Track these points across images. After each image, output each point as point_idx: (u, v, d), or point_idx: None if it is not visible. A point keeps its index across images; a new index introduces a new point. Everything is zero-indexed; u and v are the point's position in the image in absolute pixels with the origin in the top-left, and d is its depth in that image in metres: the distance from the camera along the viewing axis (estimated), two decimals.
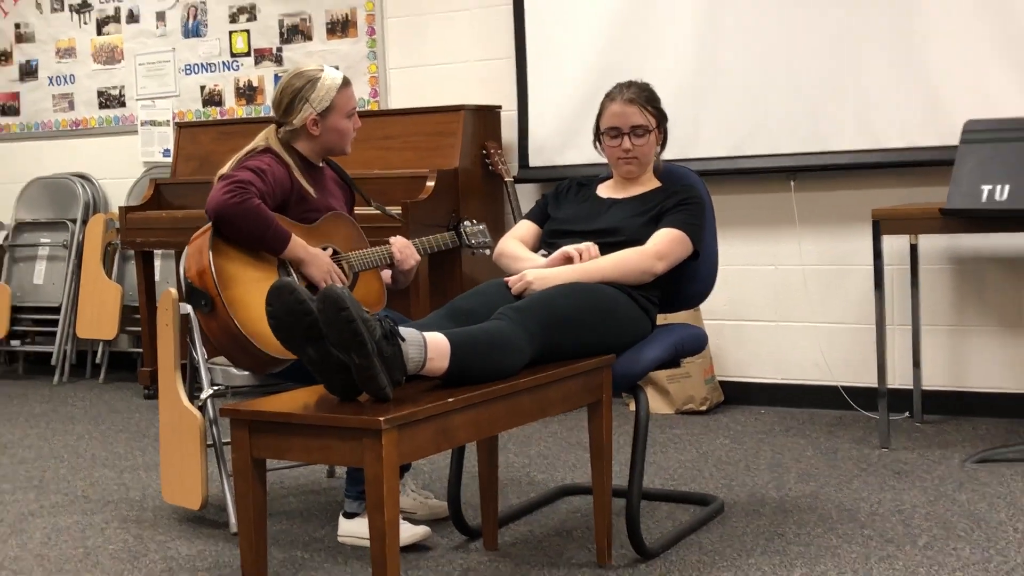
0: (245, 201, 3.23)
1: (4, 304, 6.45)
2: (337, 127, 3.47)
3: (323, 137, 3.47)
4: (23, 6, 6.69)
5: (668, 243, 3.23)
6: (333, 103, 3.44)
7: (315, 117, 3.43)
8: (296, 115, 3.44)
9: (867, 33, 4.65)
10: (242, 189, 3.24)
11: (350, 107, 3.49)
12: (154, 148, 6.39)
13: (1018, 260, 4.59)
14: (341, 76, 3.48)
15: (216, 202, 3.24)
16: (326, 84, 3.43)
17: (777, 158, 4.84)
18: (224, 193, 3.24)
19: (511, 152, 5.42)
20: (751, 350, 5.09)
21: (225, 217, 3.24)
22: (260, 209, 3.25)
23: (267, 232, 3.26)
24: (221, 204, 3.23)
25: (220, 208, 3.24)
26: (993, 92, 4.45)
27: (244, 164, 3.37)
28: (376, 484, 2.35)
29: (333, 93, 3.43)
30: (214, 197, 3.26)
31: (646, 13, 5.02)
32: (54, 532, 3.56)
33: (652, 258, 3.20)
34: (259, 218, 3.25)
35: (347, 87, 3.48)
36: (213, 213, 3.25)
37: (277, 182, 3.35)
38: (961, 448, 4.16)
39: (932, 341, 4.73)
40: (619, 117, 3.37)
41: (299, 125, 3.44)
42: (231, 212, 3.23)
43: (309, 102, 3.42)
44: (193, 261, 3.26)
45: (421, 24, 5.65)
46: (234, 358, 3.29)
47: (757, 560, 3.06)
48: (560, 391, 2.87)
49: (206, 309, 3.21)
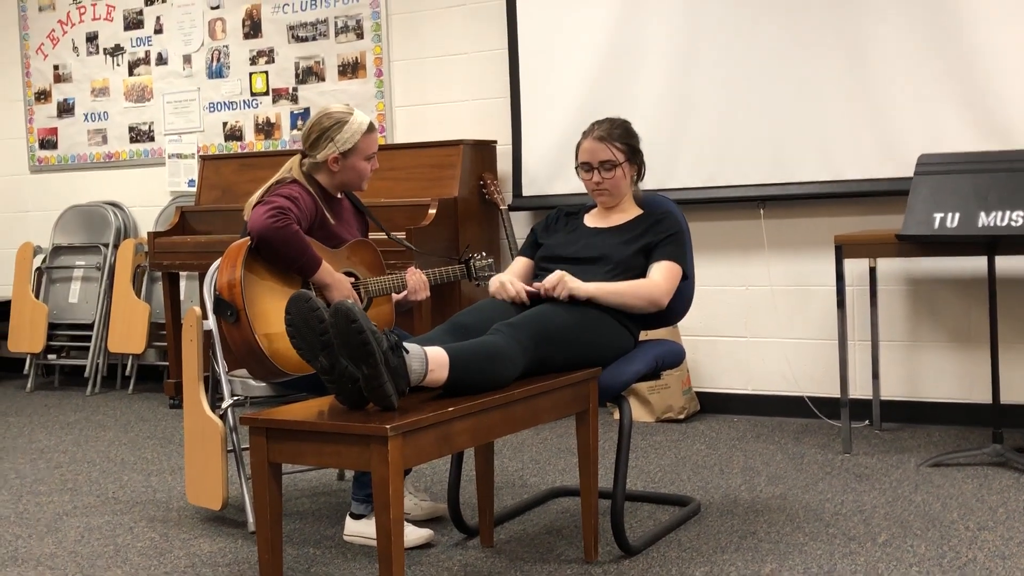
0: (287, 226, 3.22)
1: (42, 321, 6.43)
2: (356, 167, 3.45)
3: (341, 174, 3.46)
4: (61, 49, 6.69)
5: (672, 279, 3.25)
6: (356, 146, 3.42)
7: (337, 156, 3.42)
8: (320, 151, 3.42)
9: (827, 74, 4.66)
10: (283, 215, 3.23)
11: (371, 151, 3.46)
12: (180, 179, 6.38)
13: (967, 281, 4.60)
14: (368, 122, 3.45)
15: (261, 225, 3.22)
16: (352, 128, 3.41)
17: (747, 188, 4.85)
18: (268, 217, 3.22)
19: (506, 182, 5.42)
20: (725, 364, 5.08)
21: (267, 239, 3.22)
22: (299, 235, 3.25)
23: (303, 256, 3.26)
24: (265, 227, 3.21)
25: (264, 230, 3.22)
26: (944, 128, 4.46)
27: (277, 192, 3.36)
28: (382, 486, 2.34)
29: (357, 137, 3.42)
30: (258, 220, 3.23)
31: (627, 57, 5.04)
32: (87, 531, 3.54)
33: (664, 294, 3.21)
34: (297, 243, 3.24)
35: (371, 132, 3.45)
36: (256, 234, 3.23)
37: (307, 210, 3.35)
38: (917, 453, 4.16)
39: (890, 355, 4.73)
40: (589, 153, 3.38)
41: (321, 161, 3.43)
42: (273, 235, 3.21)
43: (334, 142, 3.40)
44: (225, 274, 3.25)
45: (424, 66, 5.66)
46: (249, 366, 3.28)
47: (731, 556, 3.05)
48: (550, 401, 2.87)
49: (231, 319, 3.19)
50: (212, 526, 3.54)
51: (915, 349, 4.71)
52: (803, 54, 4.71)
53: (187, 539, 3.41)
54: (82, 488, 4.09)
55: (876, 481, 3.76)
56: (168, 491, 4.00)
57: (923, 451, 4.18)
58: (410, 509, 3.47)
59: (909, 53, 4.51)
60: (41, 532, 3.53)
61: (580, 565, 3.02)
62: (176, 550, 3.30)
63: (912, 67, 4.51)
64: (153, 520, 3.63)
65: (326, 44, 5.88)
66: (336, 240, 3.45)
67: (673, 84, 4.96)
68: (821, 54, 4.67)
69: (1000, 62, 4.36)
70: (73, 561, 3.23)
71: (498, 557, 3.11)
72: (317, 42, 5.90)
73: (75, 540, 3.44)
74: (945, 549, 3.03)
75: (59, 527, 3.58)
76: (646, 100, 4.99)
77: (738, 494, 3.68)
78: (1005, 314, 4.52)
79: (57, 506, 3.84)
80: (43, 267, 6.64)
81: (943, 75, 4.46)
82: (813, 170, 4.72)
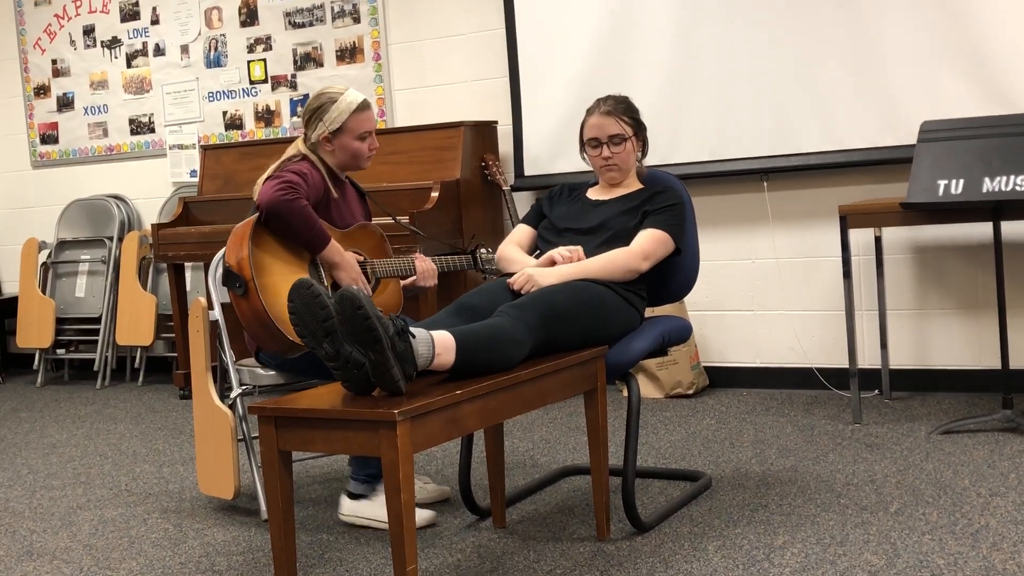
0: (296, 200, 3.20)
1: (49, 316, 6.45)
2: (347, 147, 3.43)
3: (336, 154, 3.45)
4: (58, 43, 6.68)
5: (652, 243, 3.23)
6: (344, 125, 3.40)
7: (327, 135, 3.41)
8: (312, 131, 3.43)
9: (828, 44, 4.64)
10: (292, 188, 3.22)
11: (362, 129, 3.43)
12: (182, 169, 6.38)
13: (973, 248, 4.58)
14: (359, 100, 3.42)
15: (269, 197, 3.20)
16: (340, 107, 3.40)
17: (750, 161, 4.84)
18: (277, 190, 3.20)
19: (507, 163, 5.41)
20: (732, 338, 5.08)
21: (275, 211, 3.20)
22: (307, 209, 3.23)
23: (311, 231, 3.24)
24: (273, 200, 3.19)
25: (272, 203, 3.20)
26: (946, 95, 4.44)
27: (287, 168, 3.34)
28: (392, 471, 2.35)
29: (345, 116, 3.40)
30: (266, 193, 3.21)
31: (627, 34, 5.02)
32: (100, 524, 3.55)
33: (638, 258, 3.20)
34: (306, 217, 3.22)
35: (362, 111, 3.43)
36: (265, 207, 3.21)
37: (315, 186, 3.33)
38: (927, 421, 4.15)
39: (897, 324, 4.72)
40: (597, 128, 3.37)
41: (314, 140, 3.43)
42: (282, 208, 3.19)
43: (323, 121, 3.40)
44: (234, 247, 3.23)
45: (423, 49, 5.64)
46: (260, 339, 3.25)
47: (743, 529, 3.05)
48: (558, 380, 2.87)
49: (239, 291, 3.17)
50: (225, 515, 3.55)
51: (923, 317, 4.70)
52: (803, 24, 4.68)
53: (201, 529, 3.42)
54: (95, 481, 4.10)
55: (887, 450, 3.76)
56: (180, 482, 4.01)
57: (933, 419, 4.18)
58: (416, 492, 3.48)
59: (910, 20, 4.48)
60: (55, 526, 3.55)
61: (593, 543, 3.03)
62: (190, 540, 3.32)
63: (913, 34, 4.48)
64: (166, 511, 3.65)
65: (323, 30, 5.86)
66: (341, 222, 3.45)
67: (673, 59, 4.94)
68: (821, 24, 4.65)
69: (1001, 27, 4.33)
70: (88, 554, 3.24)
71: (511, 538, 3.12)
72: (314, 28, 5.89)
73: (89, 533, 3.45)
74: (957, 516, 3.03)
75: (73, 520, 3.60)
76: (646, 76, 4.97)
77: (749, 467, 3.68)
78: (1012, 279, 4.50)
79: (71, 500, 3.86)
80: (48, 262, 6.65)
81: (944, 41, 4.43)
82: (816, 141, 4.70)
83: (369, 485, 3.31)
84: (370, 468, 3.32)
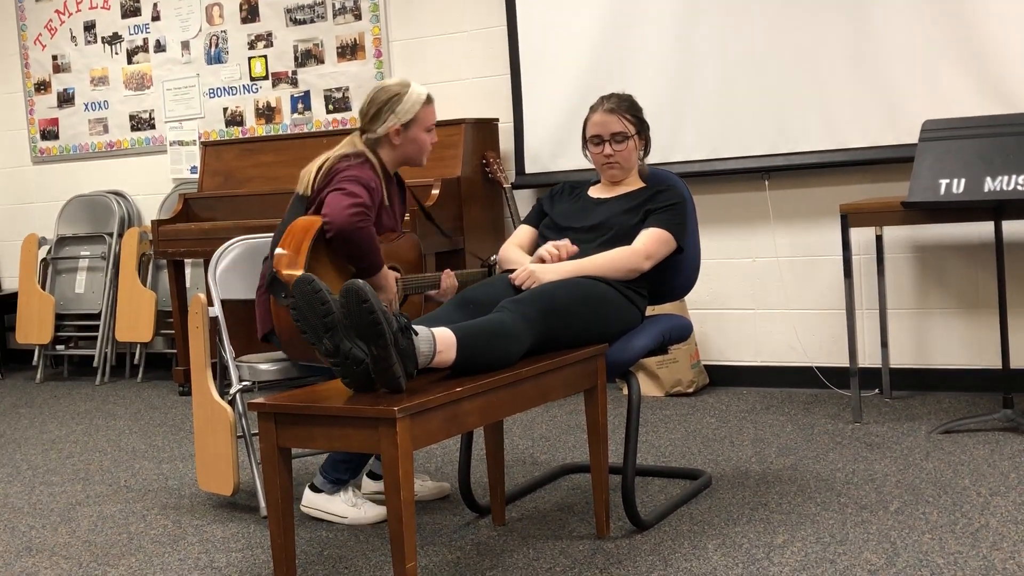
0: (368, 227, 3.20)
1: (49, 312, 6.44)
2: (417, 139, 3.42)
3: (403, 147, 3.42)
4: (59, 39, 6.67)
5: (654, 243, 3.23)
6: (416, 116, 3.40)
7: (399, 128, 3.39)
8: (381, 124, 3.39)
9: (829, 43, 4.64)
10: (366, 214, 3.19)
11: (430, 122, 3.45)
12: (182, 166, 6.37)
13: (975, 247, 4.58)
14: (426, 93, 3.44)
15: (344, 221, 3.16)
16: (412, 98, 3.40)
17: (751, 159, 4.83)
18: (352, 214, 3.17)
19: (508, 160, 5.41)
20: (732, 336, 5.08)
21: (347, 237, 3.18)
22: (375, 236, 3.23)
23: (372, 258, 3.24)
24: (349, 224, 3.16)
25: (347, 228, 3.17)
26: (947, 94, 4.44)
27: (352, 175, 3.28)
28: (392, 468, 2.35)
29: (417, 107, 3.40)
30: (340, 213, 3.17)
31: (628, 32, 5.01)
32: (100, 520, 3.55)
33: (640, 257, 3.20)
34: (372, 244, 3.22)
35: (430, 104, 3.45)
36: (338, 230, 3.17)
37: (377, 199, 3.32)
38: (927, 420, 4.15)
39: (898, 323, 4.72)
40: (600, 126, 3.37)
41: (383, 134, 3.39)
42: (354, 235, 3.18)
43: (395, 113, 3.38)
44: (287, 258, 3.19)
45: (424, 46, 5.63)
46: (292, 349, 3.26)
47: (743, 528, 3.05)
48: (559, 378, 2.86)
49: (284, 302, 3.15)
50: (224, 512, 3.55)
51: (923, 316, 4.70)
52: (805, 23, 4.68)
53: (200, 525, 3.42)
54: (94, 477, 4.10)
55: (887, 449, 3.76)
56: (180, 478, 4.01)
57: (933, 418, 4.18)
58: (416, 489, 3.48)
59: (911, 19, 4.48)
60: (55, 522, 3.55)
61: (592, 541, 3.02)
62: (189, 536, 3.31)
63: (915, 33, 4.48)
64: (165, 507, 3.64)
65: (324, 26, 5.86)
66: (389, 222, 3.43)
67: (674, 57, 4.93)
68: (823, 22, 4.64)
69: (1003, 26, 4.33)
70: (87, 550, 3.24)
71: (510, 535, 3.12)
72: (315, 24, 5.88)
73: (88, 529, 3.45)
74: (957, 516, 3.03)
75: (72, 517, 3.60)
76: (647, 74, 4.97)
77: (749, 466, 3.68)
78: (1013, 279, 4.50)
79: (70, 496, 3.86)
80: (48, 258, 6.64)
81: (946, 40, 4.43)
82: (817, 139, 4.70)
83: (335, 487, 3.34)
84: (340, 473, 3.34)
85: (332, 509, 3.33)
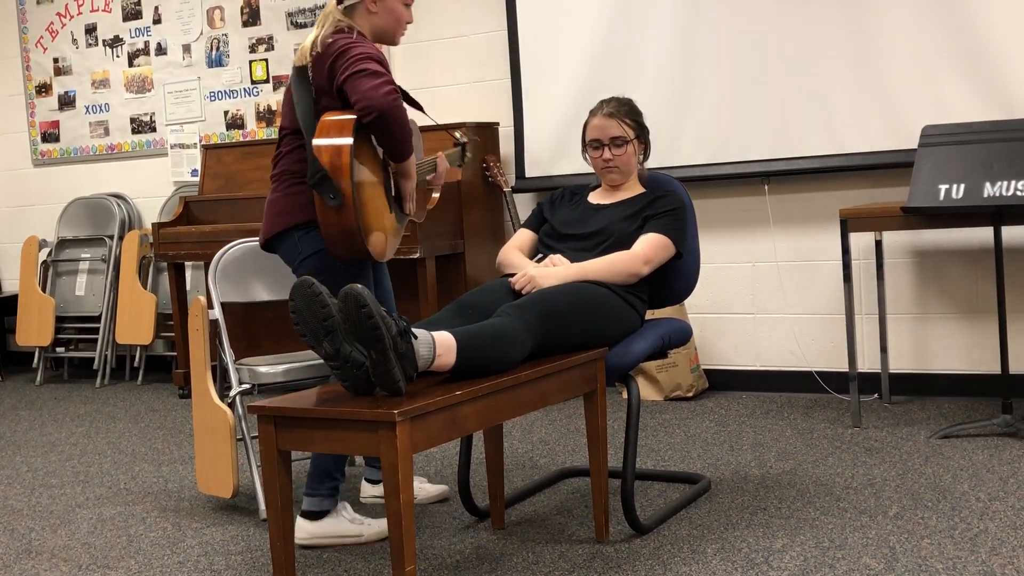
0: (402, 105, 2.95)
1: (49, 314, 6.45)
2: (394, 9, 3.20)
3: (379, 17, 3.19)
4: (60, 42, 6.68)
5: (653, 248, 3.23)
6: None
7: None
8: None
9: (830, 48, 4.64)
10: (397, 91, 2.93)
11: None
12: (183, 169, 6.38)
13: (974, 252, 4.58)
14: None
15: (383, 101, 2.89)
16: None
17: (751, 164, 4.84)
18: (387, 93, 2.90)
19: (508, 164, 5.41)
20: (732, 341, 5.08)
21: (392, 117, 2.92)
22: (407, 115, 3.00)
23: (408, 138, 2.99)
24: (389, 105, 2.90)
25: (387, 109, 2.90)
26: (947, 99, 4.44)
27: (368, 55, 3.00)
28: (392, 471, 2.35)
29: None
30: (378, 94, 2.90)
31: (628, 36, 5.02)
32: (99, 522, 3.55)
33: (639, 262, 3.20)
34: (407, 124, 2.98)
35: None
36: (379, 112, 2.89)
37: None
38: (926, 425, 4.15)
39: (897, 328, 4.72)
40: (599, 130, 3.37)
41: (358, 1, 3.15)
42: (396, 114, 2.92)
43: None
44: (331, 155, 2.95)
45: (424, 49, 5.64)
46: (337, 247, 3.03)
47: (742, 532, 3.05)
48: (558, 382, 2.87)
49: (333, 203, 2.94)
50: (224, 514, 3.55)
51: (923, 321, 4.70)
52: (805, 28, 4.68)
53: (199, 528, 3.42)
54: (94, 480, 4.10)
55: (886, 454, 3.76)
56: (179, 481, 4.01)
57: (932, 423, 4.18)
58: (416, 492, 3.48)
59: (912, 24, 4.49)
60: (54, 524, 3.55)
61: (591, 545, 3.02)
62: (188, 539, 3.31)
63: (915, 38, 4.49)
64: (165, 510, 3.64)
65: None
66: None
67: (675, 61, 4.94)
68: (823, 27, 4.65)
69: (1003, 32, 4.33)
70: (87, 553, 3.24)
71: (509, 539, 3.12)
72: None
73: (88, 532, 3.45)
74: (956, 521, 3.03)
75: (72, 519, 3.60)
76: (648, 78, 4.97)
77: (748, 470, 3.68)
78: (1012, 284, 4.50)
79: (69, 498, 3.86)
80: (49, 260, 6.65)
81: (946, 46, 4.44)
82: (817, 144, 4.70)
83: (332, 500, 3.16)
84: (331, 480, 3.15)
85: (344, 531, 3.15)
